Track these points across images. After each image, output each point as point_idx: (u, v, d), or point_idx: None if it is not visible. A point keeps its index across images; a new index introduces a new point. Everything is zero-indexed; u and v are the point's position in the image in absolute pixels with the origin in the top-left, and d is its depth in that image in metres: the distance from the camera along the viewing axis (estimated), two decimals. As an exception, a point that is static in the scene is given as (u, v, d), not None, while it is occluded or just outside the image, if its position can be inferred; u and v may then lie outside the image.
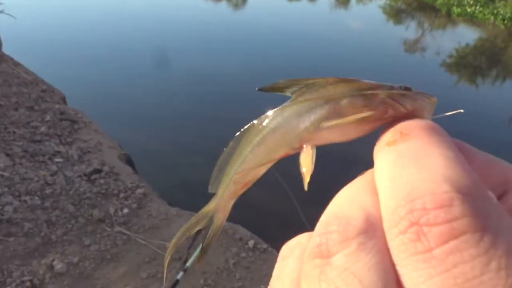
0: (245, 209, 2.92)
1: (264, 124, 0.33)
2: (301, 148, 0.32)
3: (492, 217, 0.19)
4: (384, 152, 0.25)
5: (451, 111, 0.34)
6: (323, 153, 0.34)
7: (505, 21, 14.71)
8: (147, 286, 2.72)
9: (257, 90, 0.35)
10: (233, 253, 3.01)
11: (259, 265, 2.95)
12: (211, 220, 0.39)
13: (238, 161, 0.35)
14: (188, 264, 2.51)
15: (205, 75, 7.65)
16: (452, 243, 0.18)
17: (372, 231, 0.22)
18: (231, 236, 3.17)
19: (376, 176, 0.25)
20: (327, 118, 0.31)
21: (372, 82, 0.32)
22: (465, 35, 14.47)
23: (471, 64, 11.34)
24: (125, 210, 3.33)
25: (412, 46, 12.50)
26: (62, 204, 3.30)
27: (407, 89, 0.32)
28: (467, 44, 12.89)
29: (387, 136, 0.26)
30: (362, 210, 0.23)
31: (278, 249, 2.29)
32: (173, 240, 0.39)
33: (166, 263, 0.42)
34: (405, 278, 0.20)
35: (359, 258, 0.21)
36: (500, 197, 0.24)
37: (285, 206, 3.32)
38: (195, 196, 3.89)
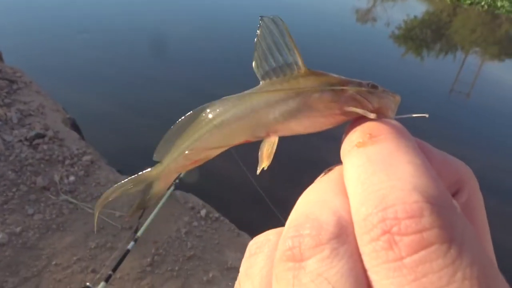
0: (197, 178, 2.91)
1: (228, 106, 0.32)
2: (266, 136, 0.33)
3: (458, 227, 0.20)
4: (354, 154, 0.26)
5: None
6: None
7: (451, -4, 15.23)
8: (96, 256, 2.67)
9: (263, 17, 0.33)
10: (185, 222, 3.00)
11: (211, 234, 2.97)
12: (150, 185, 0.39)
13: (193, 137, 0.34)
14: (139, 233, 2.48)
15: (160, 32, 7.36)
16: (422, 253, 0.19)
17: (344, 235, 0.22)
18: (183, 205, 3.15)
19: (346, 177, 0.25)
20: (298, 110, 0.31)
21: (342, 77, 0.33)
22: (414, 7, 14.85)
23: (417, 37, 11.71)
24: (71, 178, 3.20)
25: (363, 16, 12.66)
26: (1, 171, 3.11)
27: (374, 86, 0.33)
28: (415, 17, 13.25)
29: (356, 136, 0.27)
30: (333, 212, 0.23)
31: (230, 218, 2.32)
32: (105, 194, 0.39)
33: (96, 216, 0.42)
34: (376, 285, 0.21)
35: (332, 264, 0.21)
36: (453, 195, 0.26)
37: (237, 175, 3.33)
38: (147, 163, 3.80)
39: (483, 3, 14.75)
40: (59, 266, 2.56)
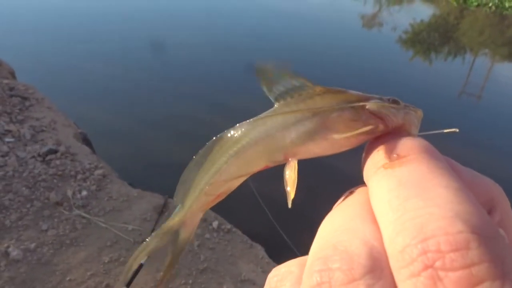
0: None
1: (243, 133, 0.31)
2: (284, 161, 0.31)
3: (508, 261, 0.18)
4: (381, 176, 0.24)
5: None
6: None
7: (458, -2, 15.16)
8: (110, 271, 2.67)
9: (253, 64, 0.32)
10: (197, 235, 3.00)
11: (223, 246, 2.96)
12: (175, 235, 0.36)
13: (211, 171, 0.32)
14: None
15: (170, 47, 7.42)
16: None
17: (378, 269, 0.20)
18: (194, 217, 3.14)
19: (374, 202, 0.23)
20: (316, 131, 0.30)
21: (360, 93, 0.31)
22: (420, 11, 14.79)
23: (425, 40, 11.65)
24: (84, 193, 3.23)
25: (369, 22, 12.65)
26: (15, 187, 3.15)
27: (395, 101, 0.31)
28: (421, 20, 13.20)
29: (381, 157, 0.25)
30: (364, 243, 0.21)
31: (242, 229, 2.31)
32: (130, 261, 0.36)
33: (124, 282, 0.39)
34: None
35: None
36: None
37: (248, 185, 3.33)
38: (158, 175, 3.84)
39: (490, 4, 14.65)
40: (74, 282, 2.57)
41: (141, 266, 2.45)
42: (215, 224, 3.10)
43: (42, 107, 4.29)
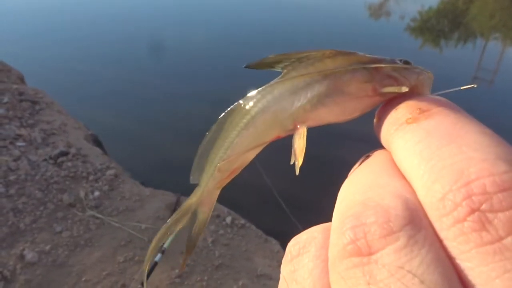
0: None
1: (251, 103, 0.30)
2: (294, 129, 0.29)
3: None
4: (406, 131, 0.23)
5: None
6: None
7: (466, -17, 14.89)
8: (125, 270, 2.67)
9: (244, 67, 0.31)
10: (211, 231, 2.98)
11: (238, 241, 2.93)
12: (194, 214, 0.36)
13: (224, 146, 0.31)
14: (166, 245, 2.46)
15: (175, 46, 7.42)
16: None
17: (417, 220, 0.19)
18: (207, 213, 3.13)
19: (401, 158, 0.22)
20: (327, 95, 0.28)
21: (372, 55, 0.30)
22: (428, -3, 14.58)
23: (434, 27, 11.48)
24: (96, 193, 3.23)
25: (376, 11, 12.50)
26: (28, 191, 3.16)
27: (407, 63, 0.30)
28: (430, 7, 13.01)
29: (402, 114, 0.24)
30: (397, 196, 0.20)
31: (255, 223, 2.27)
32: (153, 242, 0.35)
33: (147, 265, 0.38)
34: (471, 274, 0.17)
35: (413, 254, 0.18)
36: None
37: (260, 180, 3.30)
38: (169, 174, 3.82)
39: (500, -13, 14.37)
40: (89, 282, 2.57)
41: (155, 264, 2.44)
42: (228, 219, 3.08)
43: (52, 110, 4.31)
